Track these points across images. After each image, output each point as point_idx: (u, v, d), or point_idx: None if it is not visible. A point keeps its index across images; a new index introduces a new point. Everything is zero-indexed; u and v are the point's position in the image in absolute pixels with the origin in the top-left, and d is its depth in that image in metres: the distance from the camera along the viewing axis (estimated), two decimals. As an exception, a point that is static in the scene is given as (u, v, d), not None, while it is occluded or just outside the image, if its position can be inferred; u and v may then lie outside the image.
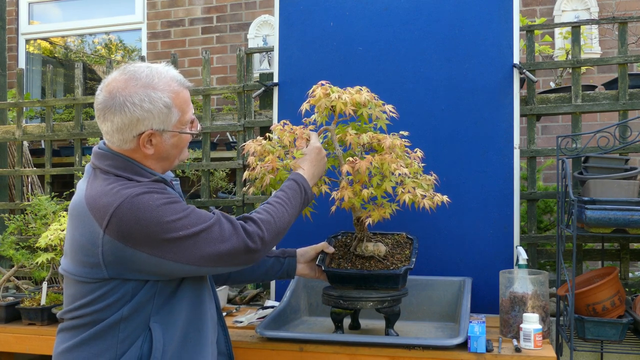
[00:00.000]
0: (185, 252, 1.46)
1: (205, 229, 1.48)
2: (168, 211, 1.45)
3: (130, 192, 1.45)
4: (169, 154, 1.58)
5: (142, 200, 1.44)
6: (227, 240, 1.50)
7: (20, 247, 2.77)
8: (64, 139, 3.69)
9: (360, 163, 1.78)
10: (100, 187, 1.49)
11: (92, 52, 6.28)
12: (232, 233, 1.51)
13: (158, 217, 1.43)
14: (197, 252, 1.47)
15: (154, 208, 1.44)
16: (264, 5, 5.10)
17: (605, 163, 2.34)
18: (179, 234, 1.45)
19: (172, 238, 1.44)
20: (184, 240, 1.45)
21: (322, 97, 1.88)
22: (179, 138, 1.57)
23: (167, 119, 1.52)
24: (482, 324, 1.87)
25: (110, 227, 1.42)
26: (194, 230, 1.46)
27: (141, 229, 1.42)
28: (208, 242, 1.48)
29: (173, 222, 1.45)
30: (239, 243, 1.51)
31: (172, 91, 1.52)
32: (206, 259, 1.48)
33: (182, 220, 1.46)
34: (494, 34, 2.44)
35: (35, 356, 2.47)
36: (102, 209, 1.44)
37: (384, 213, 1.87)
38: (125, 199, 1.43)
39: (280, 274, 2.01)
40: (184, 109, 1.56)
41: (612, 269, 2.32)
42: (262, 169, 1.86)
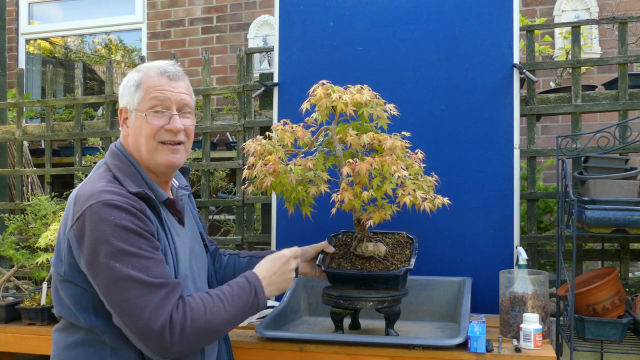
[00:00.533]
0: (108, 287, 1.37)
1: (140, 284, 1.36)
2: (123, 237, 1.38)
3: (107, 197, 1.41)
4: (137, 141, 1.57)
5: (108, 212, 1.40)
6: (145, 316, 1.35)
7: (20, 247, 2.77)
8: (64, 139, 3.69)
9: (361, 165, 1.77)
10: (92, 183, 1.50)
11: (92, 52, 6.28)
12: (157, 315, 1.35)
13: (110, 236, 1.38)
14: (117, 297, 1.37)
15: (112, 226, 1.39)
16: (264, 5, 5.10)
17: (605, 163, 2.34)
18: (115, 267, 1.36)
19: (107, 266, 1.37)
20: (114, 275, 1.36)
21: (322, 96, 1.87)
22: (142, 122, 1.55)
23: (133, 98, 1.57)
24: (482, 324, 1.87)
25: (76, 225, 1.42)
26: (130, 275, 1.36)
27: (91, 238, 1.39)
28: (132, 298, 1.35)
29: (120, 252, 1.37)
30: (154, 328, 1.35)
31: (146, 74, 1.58)
32: (119, 311, 1.37)
33: (129, 257, 1.37)
34: (494, 34, 2.44)
35: (35, 356, 2.47)
36: (79, 204, 1.44)
37: (384, 215, 1.87)
38: (97, 202, 1.41)
39: None
40: (149, 92, 1.56)
41: (612, 269, 2.32)
42: (264, 169, 1.85)
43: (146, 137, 1.56)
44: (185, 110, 1.61)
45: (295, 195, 1.92)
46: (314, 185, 1.89)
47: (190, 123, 1.63)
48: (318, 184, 1.88)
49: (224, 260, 1.97)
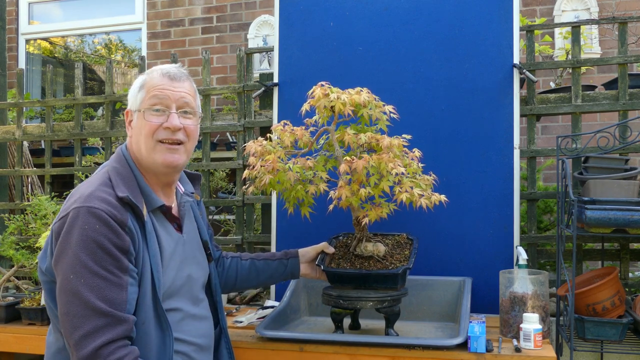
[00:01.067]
0: (60, 294, 1.39)
1: (85, 304, 1.35)
2: (92, 251, 1.38)
3: (92, 204, 1.42)
4: (138, 140, 1.59)
5: (87, 220, 1.40)
6: (75, 337, 1.34)
7: (20, 247, 2.77)
8: (64, 139, 3.68)
9: (357, 162, 1.78)
10: (88, 183, 1.52)
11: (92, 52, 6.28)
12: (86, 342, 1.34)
13: (79, 246, 1.38)
14: (63, 307, 1.38)
15: (86, 237, 1.39)
16: (264, 5, 5.10)
17: (605, 163, 2.34)
18: (71, 278, 1.37)
19: (65, 273, 1.38)
20: (69, 285, 1.37)
21: (321, 97, 1.88)
22: (142, 122, 1.56)
23: (136, 99, 1.60)
24: (482, 324, 1.87)
25: (59, 222, 1.44)
26: (79, 291, 1.35)
27: (63, 241, 1.41)
28: (74, 310, 1.36)
29: (81, 265, 1.37)
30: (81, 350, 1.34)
31: (149, 75, 1.60)
32: (61, 320, 1.38)
33: (88, 275, 1.36)
34: (494, 34, 2.44)
35: (35, 356, 2.47)
36: (70, 203, 1.47)
37: (381, 212, 1.87)
38: (83, 206, 1.42)
39: (285, 276, 2.02)
40: (150, 92, 1.57)
41: (612, 269, 2.32)
42: (262, 168, 1.85)
43: (145, 136, 1.56)
44: (186, 110, 1.60)
45: (295, 194, 1.92)
46: (313, 184, 1.89)
47: (192, 123, 1.62)
48: (317, 183, 1.89)
49: (226, 263, 1.98)
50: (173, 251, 1.59)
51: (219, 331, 1.80)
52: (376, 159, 1.80)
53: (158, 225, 1.57)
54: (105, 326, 1.35)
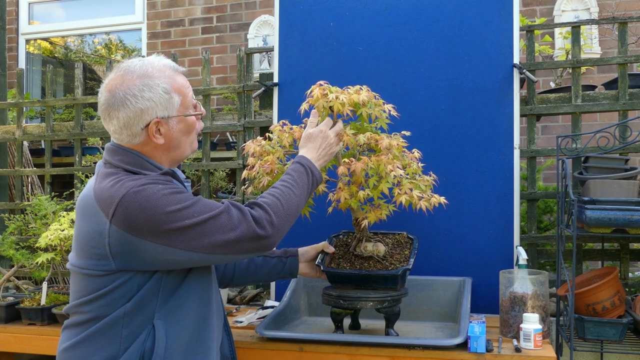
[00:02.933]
0: (193, 240, 1.45)
1: (212, 217, 1.46)
2: (173, 200, 1.45)
3: (135, 183, 1.46)
4: (179, 142, 1.60)
5: (146, 191, 1.44)
6: (235, 228, 1.47)
7: (20, 247, 2.77)
8: (64, 139, 3.69)
9: (356, 164, 1.78)
10: (108, 180, 1.51)
11: (92, 52, 6.28)
12: (241, 220, 1.48)
13: (163, 207, 1.43)
14: (205, 240, 1.46)
15: (158, 198, 1.44)
16: (264, 5, 5.10)
17: (605, 163, 2.34)
18: (185, 222, 1.44)
19: (178, 227, 1.44)
20: (190, 228, 1.44)
21: (319, 97, 1.87)
22: (186, 123, 1.59)
23: (170, 105, 1.54)
24: (482, 324, 1.87)
25: (116, 217, 1.44)
26: (201, 219, 1.45)
27: (146, 218, 1.43)
28: (216, 230, 1.46)
29: (178, 211, 1.44)
30: (247, 230, 1.48)
31: (167, 76, 1.56)
32: (215, 246, 1.47)
33: (188, 209, 1.45)
34: (494, 34, 2.44)
35: (35, 356, 2.47)
36: (108, 199, 1.45)
37: (380, 214, 1.87)
38: (130, 190, 1.44)
39: (283, 274, 2.02)
40: (184, 92, 1.58)
41: (612, 269, 2.31)
42: (261, 169, 1.85)
43: (191, 134, 1.62)
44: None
45: (295, 194, 1.92)
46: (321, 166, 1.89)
47: None
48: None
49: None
50: None
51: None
52: (375, 161, 1.80)
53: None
54: (235, 208, 1.50)
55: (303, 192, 1.65)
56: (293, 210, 1.60)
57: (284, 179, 1.66)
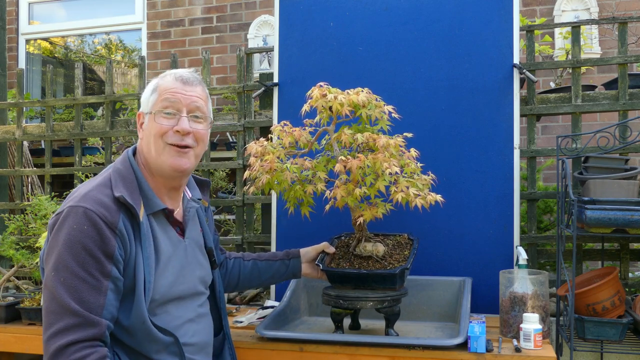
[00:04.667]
0: (43, 288, 1.43)
1: (62, 303, 1.37)
2: (77, 254, 1.40)
3: (85, 205, 1.44)
4: (149, 142, 1.59)
5: (77, 220, 1.42)
6: (53, 332, 1.36)
7: (20, 247, 2.76)
8: (64, 139, 3.69)
9: (352, 162, 1.79)
10: (89, 182, 1.54)
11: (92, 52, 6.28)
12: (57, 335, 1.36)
13: (65, 247, 1.41)
14: (44, 302, 1.41)
15: (72, 237, 1.41)
16: (264, 5, 5.10)
17: (605, 163, 2.34)
18: (53, 275, 1.40)
19: (49, 270, 1.41)
20: (53, 282, 1.39)
21: (319, 97, 1.88)
22: (152, 124, 1.58)
23: (148, 101, 1.61)
24: (482, 324, 1.87)
25: (54, 217, 1.47)
26: (57, 292, 1.38)
27: (53, 238, 1.44)
28: (53, 310, 1.38)
29: (65, 265, 1.39)
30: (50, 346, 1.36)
31: (162, 78, 1.62)
32: (43, 314, 1.41)
33: (71, 277, 1.38)
34: (494, 34, 2.44)
35: (35, 356, 2.47)
36: (68, 200, 1.49)
37: (376, 212, 1.88)
38: (77, 205, 1.44)
39: (287, 276, 2.03)
40: (162, 94, 1.59)
41: (612, 269, 2.31)
42: (261, 168, 1.86)
43: (155, 137, 1.57)
44: (196, 114, 1.61)
45: (294, 194, 1.93)
46: (311, 184, 1.90)
47: (202, 128, 1.62)
48: (316, 183, 1.89)
49: (229, 265, 1.98)
50: (171, 255, 1.59)
51: (222, 337, 1.80)
52: (371, 159, 1.81)
53: (158, 229, 1.57)
54: (75, 326, 1.36)
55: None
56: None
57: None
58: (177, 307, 1.58)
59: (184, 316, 1.60)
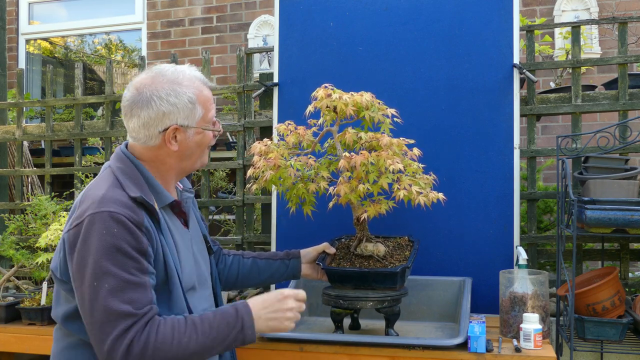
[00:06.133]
0: (84, 302, 1.39)
1: (112, 309, 1.35)
2: (112, 258, 1.39)
3: (107, 209, 1.41)
4: (192, 153, 1.59)
5: (104, 226, 1.39)
6: (112, 340, 1.35)
7: (20, 247, 2.77)
8: (64, 139, 3.69)
9: (356, 158, 1.80)
10: (96, 186, 1.51)
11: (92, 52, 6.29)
12: (119, 343, 1.35)
13: (99, 254, 1.38)
14: (90, 315, 1.38)
15: (106, 244, 1.39)
16: (264, 5, 5.10)
17: (605, 163, 2.34)
18: (95, 285, 1.37)
19: (90, 281, 1.38)
20: (94, 292, 1.37)
21: (324, 97, 1.90)
22: (203, 136, 1.59)
23: (192, 115, 1.55)
24: (482, 324, 1.87)
25: (73, 230, 1.43)
26: (106, 299, 1.36)
27: (82, 249, 1.40)
28: (99, 319, 1.36)
29: (104, 270, 1.37)
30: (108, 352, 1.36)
31: (196, 88, 1.56)
32: (89, 328, 1.39)
33: (112, 279, 1.37)
34: (494, 33, 2.44)
35: (35, 356, 2.47)
36: (82, 209, 1.45)
37: (379, 209, 1.89)
38: (98, 212, 1.41)
39: (286, 276, 2.03)
40: (207, 107, 1.59)
41: (612, 269, 2.32)
42: (264, 164, 1.87)
43: (202, 148, 1.61)
44: None
45: (296, 192, 1.94)
46: (314, 183, 1.91)
47: None
48: (318, 182, 1.90)
49: (228, 261, 1.98)
50: (185, 247, 1.62)
51: None
52: (375, 156, 1.82)
53: (169, 221, 1.59)
54: (131, 326, 1.37)
55: (211, 343, 1.43)
56: (182, 356, 1.40)
57: (204, 316, 1.46)
58: (194, 296, 1.60)
59: (201, 306, 1.62)
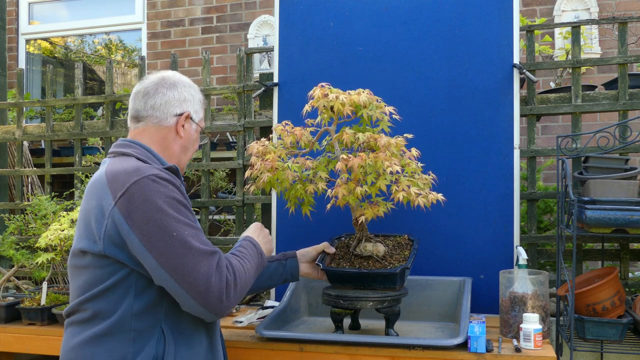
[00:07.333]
0: (168, 254, 1.42)
1: (198, 250, 1.44)
2: (176, 208, 1.46)
3: (151, 172, 1.48)
4: (188, 148, 1.71)
5: (158, 184, 1.46)
6: (208, 280, 1.43)
7: (20, 247, 2.76)
8: (64, 139, 3.69)
9: (353, 160, 1.80)
10: (122, 164, 1.53)
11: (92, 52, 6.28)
12: (217, 281, 1.44)
13: (165, 206, 1.44)
14: (179, 261, 1.42)
15: (166, 197, 1.46)
16: (264, 5, 5.10)
17: (605, 163, 2.34)
18: (172, 233, 1.43)
19: (163, 233, 1.42)
20: (172, 242, 1.42)
21: (320, 97, 1.89)
22: (197, 136, 1.73)
23: (199, 112, 1.73)
24: (482, 324, 1.87)
25: (121, 201, 1.45)
26: (189, 243, 1.43)
27: (144, 210, 1.43)
28: (192, 264, 1.43)
29: (175, 220, 1.44)
30: (216, 292, 1.44)
31: (200, 100, 1.75)
32: (181, 275, 1.42)
33: (184, 226, 1.45)
34: (494, 34, 2.44)
35: (35, 356, 2.47)
36: (120, 181, 1.47)
37: (377, 211, 1.88)
38: (145, 177, 1.46)
39: (285, 277, 2.02)
40: (201, 119, 1.76)
41: (612, 269, 2.32)
42: (262, 166, 1.87)
43: (194, 149, 1.75)
44: None
45: (295, 193, 1.94)
46: (312, 183, 1.91)
47: None
48: (317, 183, 1.90)
49: None
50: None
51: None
52: (373, 157, 1.81)
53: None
54: (220, 260, 1.47)
55: (255, 267, 1.63)
56: (249, 281, 1.57)
57: (238, 249, 1.63)
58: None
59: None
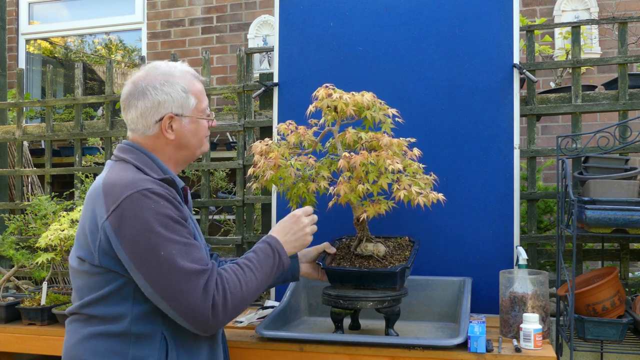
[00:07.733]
0: (154, 272, 1.43)
1: (184, 270, 1.43)
2: (167, 225, 1.45)
3: (144, 186, 1.47)
4: (189, 142, 1.66)
5: (150, 200, 1.45)
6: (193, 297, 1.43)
7: (20, 247, 2.76)
8: (64, 139, 3.69)
9: (355, 158, 1.81)
10: (118, 174, 1.53)
11: (92, 52, 6.29)
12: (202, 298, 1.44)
13: (154, 224, 1.43)
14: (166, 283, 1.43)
15: (156, 214, 1.44)
16: (264, 5, 5.10)
17: (605, 163, 2.34)
18: (160, 252, 1.43)
19: (154, 251, 1.43)
20: (158, 261, 1.43)
21: (324, 97, 1.90)
22: (197, 125, 1.66)
23: (185, 104, 1.63)
24: (482, 324, 1.87)
25: (113, 215, 1.45)
26: (175, 263, 1.43)
27: (134, 226, 1.43)
28: (177, 282, 1.43)
29: (164, 237, 1.43)
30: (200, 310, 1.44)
31: (188, 79, 1.65)
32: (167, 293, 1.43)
33: (172, 245, 1.44)
34: (494, 34, 2.44)
35: (35, 356, 2.47)
36: (114, 195, 1.47)
37: (379, 209, 1.89)
38: (137, 191, 1.46)
39: (285, 277, 2.01)
40: (200, 97, 1.67)
41: (612, 269, 2.32)
42: (265, 163, 1.87)
43: (202, 137, 1.69)
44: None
45: (296, 192, 1.94)
46: (314, 182, 1.91)
47: None
48: (319, 181, 1.90)
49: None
50: (197, 230, 1.67)
51: None
52: (375, 156, 1.82)
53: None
54: (209, 279, 1.46)
55: (266, 277, 1.61)
56: (250, 296, 1.55)
57: (249, 257, 1.62)
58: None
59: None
